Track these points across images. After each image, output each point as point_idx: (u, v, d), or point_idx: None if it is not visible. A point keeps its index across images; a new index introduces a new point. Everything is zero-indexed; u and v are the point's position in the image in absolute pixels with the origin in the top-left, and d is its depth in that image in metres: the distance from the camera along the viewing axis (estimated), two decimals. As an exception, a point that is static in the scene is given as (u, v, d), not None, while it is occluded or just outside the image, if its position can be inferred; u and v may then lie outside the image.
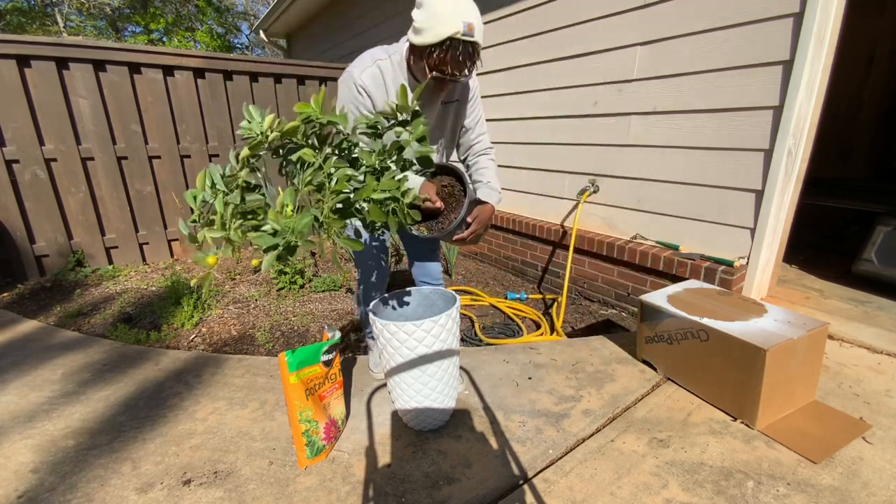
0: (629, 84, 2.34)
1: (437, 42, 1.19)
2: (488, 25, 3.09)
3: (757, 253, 2.00)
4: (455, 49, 1.20)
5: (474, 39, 1.21)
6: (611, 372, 1.78)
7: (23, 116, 2.91)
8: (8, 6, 14.18)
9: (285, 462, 1.35)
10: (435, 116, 1.48)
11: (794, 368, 1.42)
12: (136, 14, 15.21)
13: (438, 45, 1.19)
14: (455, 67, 1.25)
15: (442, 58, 1.21)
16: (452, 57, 1.21)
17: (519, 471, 1.29)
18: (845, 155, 3.92)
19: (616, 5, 2.31)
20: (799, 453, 1.30)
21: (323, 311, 2.71)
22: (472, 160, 1.65)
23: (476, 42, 1.23)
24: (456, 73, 1.27)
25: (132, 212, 3.42)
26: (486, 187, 1.55)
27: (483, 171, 1.60)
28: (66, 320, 2.53)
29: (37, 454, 1.41)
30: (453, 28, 1.16)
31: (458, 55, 1.21)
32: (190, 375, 1.85)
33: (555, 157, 2.84)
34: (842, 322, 1.98)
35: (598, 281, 2.69)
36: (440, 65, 1.23)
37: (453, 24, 1.16)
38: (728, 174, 2.03)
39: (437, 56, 1.21)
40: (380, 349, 1.41)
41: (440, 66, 1.23)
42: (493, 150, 1.67)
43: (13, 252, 3.05)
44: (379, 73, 1.37)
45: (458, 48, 1.20)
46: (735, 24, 1.89)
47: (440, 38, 1.17)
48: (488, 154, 1.65)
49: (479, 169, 1.61)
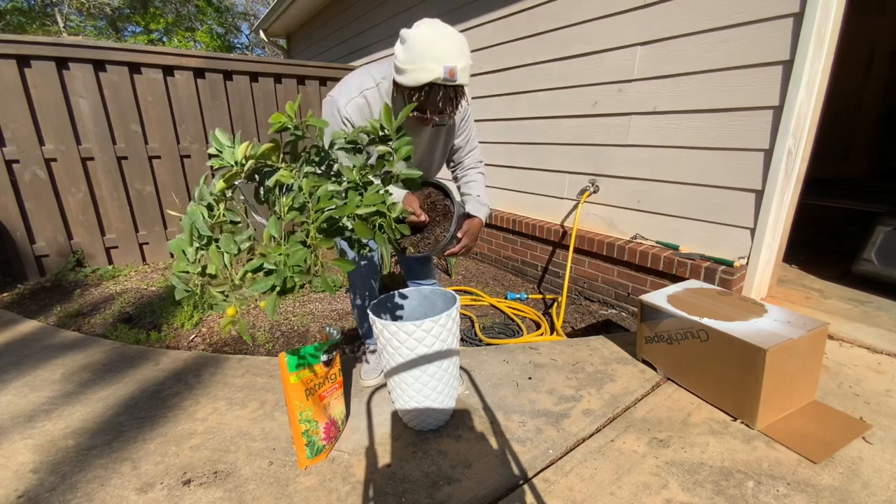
0: (629, 84, 2.34)
1: (416, 87, 1.16)
2: (489, 25, 3.10)
3: (757, 253, 2.00)
4: (436, 94, 1.17)
5: (457, 83, 1.17)
6: (611, 372, 1.78)
7: (23, 116, 2.91)
8: (8, 6, 14.19)
9: (285, 462, 1.35)
10: (426, 138, 1.48)
11: (794, 368, 1.42)
12: (136, 14, 15.21)
13: (418, 90, 1.16)
14: (434, 112, 1.23)
15: (423, 102, 1.19)
16: (433, 101, 1.18)
17: (519, 471, 1.29)
18: (845, 155, 3.92)
19: (616, 5, 2.31)
20: (799, 453, 1.30)
21: (323, 310, 2.71)
22: (462, 174, 1.67)
23: (459, 85, 1.19)
24: (435, 118, 1.26)
25: (132, 212, 3.43)
26: (474, 201, 1.56)
27: (472, 185, 1.61)
28: (66, 320, 2.53)
29: (37, 454, 1.41)
30: (433, 74, 1.12)
31: (439, 101, 1.18)
32: (190, 375, 1.85)
33: (555, 157, 2.84)
34: (842, 322, 1.98)
35: (598, 281, 2.69)
36: (420, 108, 1.21)
37: (433, 69, 1.12)
38: (728, 174, 2.03)
39: (418, 98, 1.18)
40: (380, 349, 1.41)
41: (421, 108, 1.22)
42: (483, 164, 1.68)
43: (13, 252, 3.05)
44: (365, 103, 1.34)
45: (438, 94, 1.17)
46: (735, 24, 1.89)
47: (419, 83, 1.14)
48: (478, 168, 1.66)
49: (468, 183, 1.63)
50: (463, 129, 1.57)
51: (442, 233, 1.38)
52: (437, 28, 1.15)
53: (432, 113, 1.23)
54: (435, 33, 1.14)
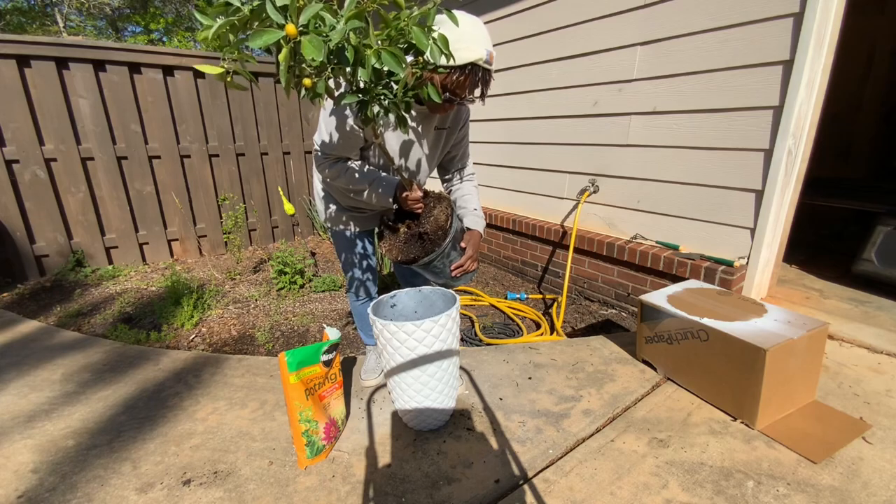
0: (629, 84, 2.34)
1: (459, 65, 1.17)
2: (489, 25, 3.09)
3: (757, 253, 2.00)
4: (475, 74, 1.20)
5: (491, 68, 1.23)
6: (611, 372, 1.78)
7: (23, 116, 2.91)
8: (8, 6, 14.18)
9: (285, 462, 1.35)
10: (430, 140, 1.48)
11: (794, 368, 1.42)
12: (136, 14, 15.20)
13: (460, 69, 1.18)
14: (471, 92, 1.26)
15: (461, 81, 1.20)
16: (471, 82, 1.22)
17: (519, 471, 1.29)
18: (845, 155, 3.92)
19: (616, 5, 2.31)
20: (799, 453, 1.30)
21: (323, 310, 2.71)
22: (456, 186, 1.68)
23: (492, 70, 1.24)
24: (471, 98, 1.28)
25: (132, 212, 3.43)
26: (472, 215, 1.58)
27: (468, 199, 1.63)
28: (66, 320, 2.53)
29: (37, 454, 1.41)
30: (478, 54, 1.16)
31: (477, 81, 1.22)
32: (190, 375, 1.85)
33: (555, 157, 2.84)
34: (842, 322, 1.98)
35: (598, 281, 2.69)
36: (457, 87, 1.22)
37: (476, 50, 1.16)
38: (728, 174, 2.03)
39: (457, 79, 1.19)
40: (379, 349, 1.41)
41: (457, 88, 1.22)
42: (475, 175, 1.71)
43: (13, 252, 3.06)
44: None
45: (477, 74, 1.20)
46: (735, 24, 1.89)
47: (463, 61, 1.16)
48: (472, 180, 1.69)
49: (464, 196, 1.64)
50: (462, 135, 1.58)
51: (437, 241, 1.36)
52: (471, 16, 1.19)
53: (468, 93, 1.25)
54: (472, 20, 1.18)
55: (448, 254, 1.37)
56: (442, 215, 1.36)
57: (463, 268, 1.44)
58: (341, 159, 1.37)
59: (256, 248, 4.00)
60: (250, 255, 3.79)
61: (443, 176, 1.71)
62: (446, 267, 1.41)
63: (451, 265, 1.42)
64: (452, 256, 1.40)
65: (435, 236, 1.34)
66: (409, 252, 1.37)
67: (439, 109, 1.33)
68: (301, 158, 4.17)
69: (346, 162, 1.38)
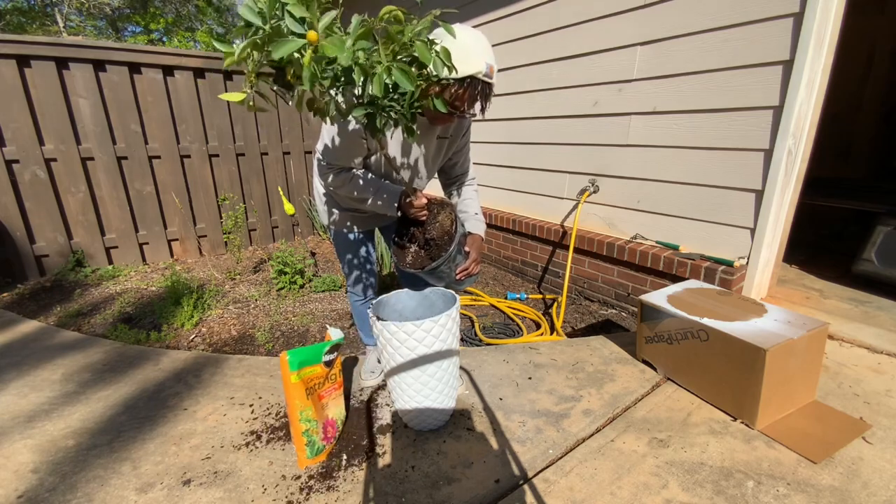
0: (629, 84, 2.34)
1: (458, 78, 1.17)
2: (489, 25, 3.09)
3: (757, 253, 2.00)
4: (474, 88, 1.20)
5: (492, 82, 1.23)
6: (611, 372, 1.78)
7: (23, 116, 2.91)
8: (8, 6, 14.18)
9: (285, 462, 1.35)
10: (433, 148, 1.48)
11: (794, 368, 1.42)
12: (136, 14, 15.20)
13: (459, 81, 1.18)
14: (471, 105, 1.25)
15: (460, 94, 1.20)
16: (471, 95, 1.21)
17: (519, 471, 1.29)
18: (845, 155, 3.92)
19: (616, 5, 2.31)
20: (799, 453, 1.30)
21: (323, 310, 2.71)
22: (458, 190, 1.69)
23: (492, 84, 1.24)
24: (471, 112, 1.28)
25: (132, 212, 3.43)
26: (473, 219, 1.60)
27: (469, 203, 1.65)
28: (66, 320, 2.53)
29: (37, 454, 1.41)
30: (477, 67, 1.16)
31: (476, 94, 1.22)
32: (190, 375, 1.85)
33: (555, 157, 2.84)
34: (842, 322, 1.98)
35: (598, 281, 2.69)
36: (456, 101, 1.22)
37: (476, 63, 1.16)
38: (728, 174, 2.03)
39: (456, 92, 1.19)
40: (380, 349, 1.41)
41: (456, 101, 1.22)
42: (475, 180, 1.72)
43: (13, 252, 3.05)
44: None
45: (477, 87, 1.20)
46: (735, 24, 1.89)
47: (463, 74, 1.16)
48: (472, 185, 1.70)
49: (465, 200, 1.66)
50: (464, 143, 1.59)
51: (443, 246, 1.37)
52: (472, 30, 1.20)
53: (468, 106, 1.25)
54: (474, 33, 1.19)
55: (454, 258, 1.37)
56: (447, 221, 1.36)
57: (467, 271, 1.44)
58: (344, 168, 1.37)
59: (256, 248, 4.00)
60: (250, 255, 3.79)
61: (444, 180, 1.71)
62: (452, 271, 1.41)
63: (457, 269, 1.42)
64: (458, 261, 1.41)
65: (441, 241, 1.35)
66: (417, 258, 1.39)
67: (440, 120, 1.34)
68: (301, 158, 4.17)
69: (350, 171, 1.38)
